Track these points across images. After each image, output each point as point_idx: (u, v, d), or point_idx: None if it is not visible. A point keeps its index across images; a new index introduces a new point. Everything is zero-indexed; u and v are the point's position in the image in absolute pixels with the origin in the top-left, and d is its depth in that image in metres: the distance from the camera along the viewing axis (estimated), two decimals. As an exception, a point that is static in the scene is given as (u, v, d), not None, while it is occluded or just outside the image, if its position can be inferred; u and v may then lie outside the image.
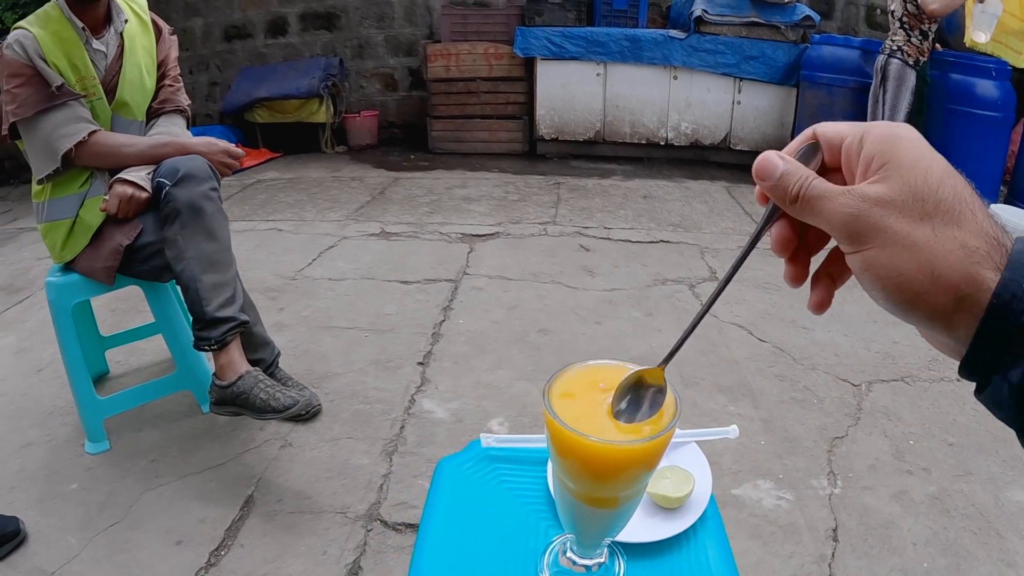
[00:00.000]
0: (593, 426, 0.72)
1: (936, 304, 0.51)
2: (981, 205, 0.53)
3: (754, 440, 2.87)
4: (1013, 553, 2.32)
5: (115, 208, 2.56)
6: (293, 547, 2.34)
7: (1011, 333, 0.48)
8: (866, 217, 0.54)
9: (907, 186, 0.53)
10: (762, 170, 0.60)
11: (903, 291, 0.53)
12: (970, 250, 0.50)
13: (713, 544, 1.07)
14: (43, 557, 2.30)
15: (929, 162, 0.53)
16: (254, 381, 2.51)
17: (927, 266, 0.51)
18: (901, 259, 0.52)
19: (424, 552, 1.04)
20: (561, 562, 0.98)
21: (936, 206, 0.52)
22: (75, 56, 2.54)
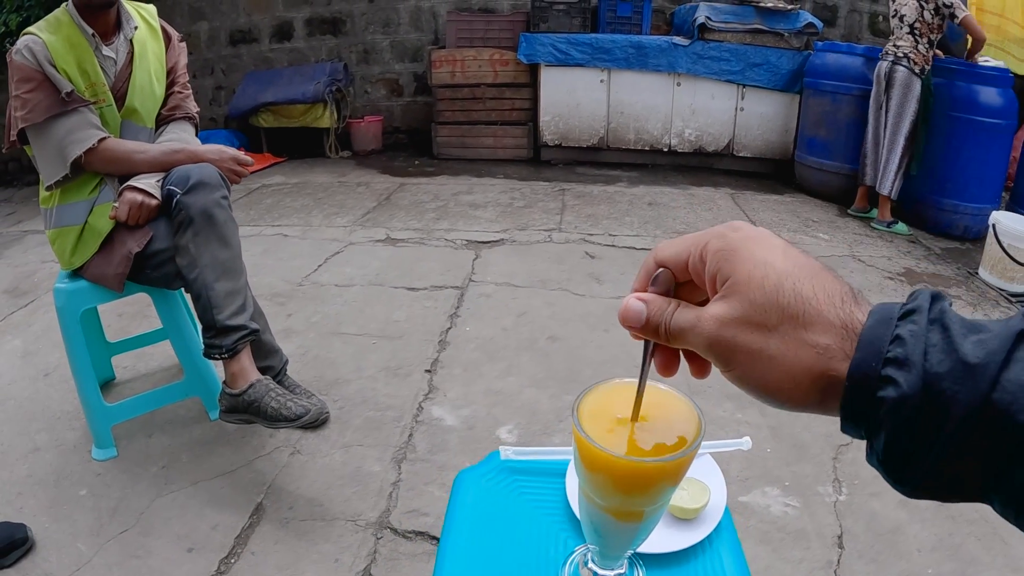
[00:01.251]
0: (623, 444, 0.74)
1: (807, 401, 0.54)
2: (827, 290, 0.54)
3: (761, 448, 2.88)
4: (1018, 559, 2.34)
5: (125, 215, 2.57)
6: (305, 554, 2.35)
7: (868, 411, 0.50)
8: (720, 339, 0.56)
9: (748, 301, 0.55)
10: (628, 319, 0.63)
11: (776, 397, 0.55)
12: (821, 349, 0.52)
13: (728, 553, 1.09)
14: (53, 563, 2.31)
15: (764, 271, 0.55)
16: (265, 390, 2.52)
17: (787, 374, 0.53)
18: (763, 372, 0.54)
19: (446, 564, 1.05)
20: (582, 573, 0.99)
21: (780, 315, 0.54)
22: (85, 62, 2.55)
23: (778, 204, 6.41)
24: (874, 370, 0.49)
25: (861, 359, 0.50)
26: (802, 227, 5.76)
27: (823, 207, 6.41)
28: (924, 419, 0.47)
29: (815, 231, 5.66)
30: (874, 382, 0.49)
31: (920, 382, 0.47)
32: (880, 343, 0.50)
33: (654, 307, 0.62)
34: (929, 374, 0.47)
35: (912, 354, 0.48)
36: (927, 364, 0.48)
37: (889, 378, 0.48)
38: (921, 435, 0.47)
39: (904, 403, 0.47)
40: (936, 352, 0.48)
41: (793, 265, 0.56)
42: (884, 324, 0.51)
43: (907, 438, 0.48)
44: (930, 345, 0.48)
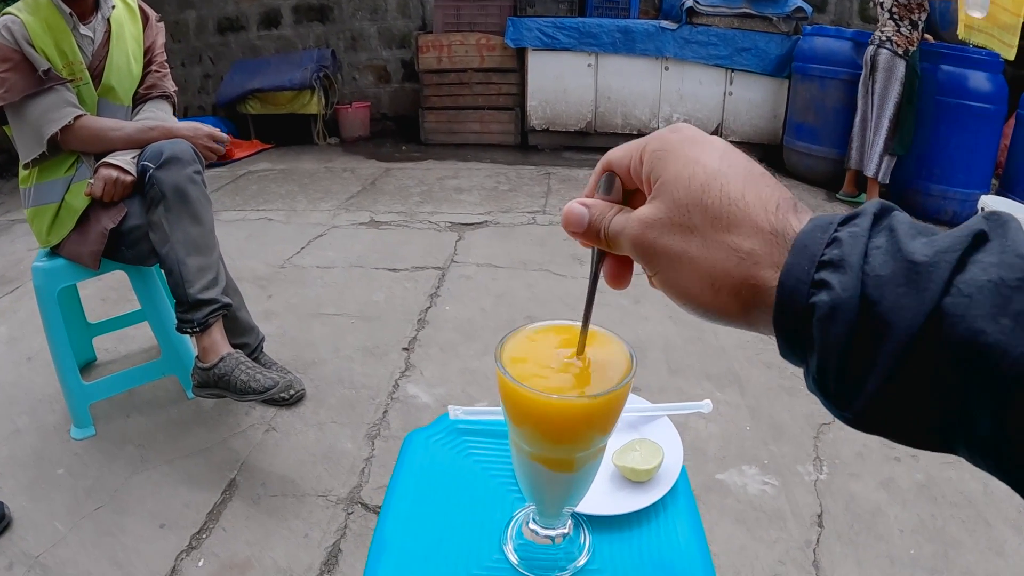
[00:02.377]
0: (547, 384, 0.72)
1: (728, 311, 0.51)
2: (760, 195, 0.51)
3: (740, 427, 2.87)
4: (1001, 541, 2.33)
5: (100, 191, 2.55)
6: (275, 530, 2.34)
7: (799, 322, 0.46)
8: (643, 241, 0.54)
9: (673, 201, 0.52)
10: (570, 222, 0.61)
11: (695, 303, 0.53)
12: (744, 254, 0.49)
13: (683, 518, 1.06)
14: (30, 542, 2.31)
15: (692, 169, 0.53)
16: (235, 363, 2.51)
17: (706, 279, 0.51)
18: (681, 275, 0.52)
19: (388, 522, 1.03)
20: (524, 533, 0.97)
21: (703, 215, 0.51)
22: (62, 41, 2.53)
23: (764, 188, 6.37)
24: (806, 274, 0.45)
25: (793, 263, 0.46)
26: (788, 211, 5.72)
27: (811, 192, 6.40)
28: (862, 330, 0.42)
29: (801, 215, 5.62)
30: (805, 288, 0.45)
31: (858, 285, 0.42)
32: (815, 246, 0.46)
33: (595, 211, 0.60)
34: (869, 277, 0.42)
35: (849, 255, 0.44)
36: (867, 266, 0.43)
37: (822, 282, 0.44)
38: (859, 350, 0.42)
39: (838, 309, 0.43)
40: (879, 254, 0.43)
41: (728, 166, 0.53)
42: (822, 229, 0.47)
43: (842, 353, 0.43)
44: (872, 248, 0.44)
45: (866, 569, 2.22)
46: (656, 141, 0.56)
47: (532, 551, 0.95)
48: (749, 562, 2.23)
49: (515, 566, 0.94)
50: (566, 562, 0.95)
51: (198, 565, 2.21)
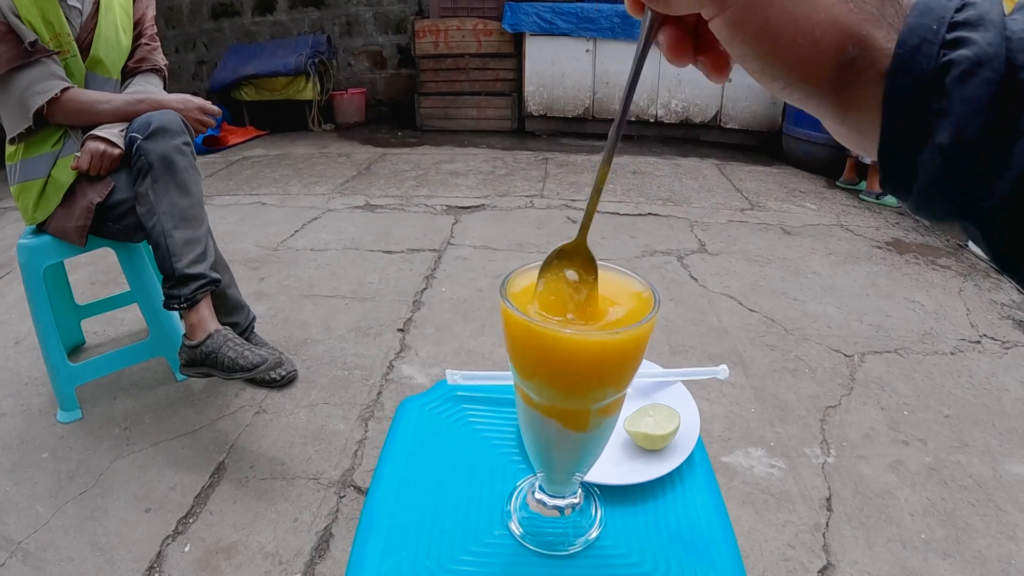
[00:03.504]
0: (562, 321, 0.63)
1: (819, 72, 0.41)
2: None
3: (745, 408, 2.81)
4: (1013, 526, 2.27)
5: (87, 165, 2.48)
6: (264, 514, 2.27)
7: (927, 86, 0.37)
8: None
9: None
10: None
11: (777, 56, 0.42)
12: (854, 3, 0.40)
13: (701, 489, 0.98)
14: (11, 527, 2.24)
15: None
16: (223, 340, 2.43)
17: (802, 21, 0.40)
18: (771, 13, 0.41)
19: (378, 497, 0.95)
20: (530, 505, 0.89)
21: None
22: (49, 13, 2.46)
23: (765, 175, 6.34)
24: (936, 34, 0.37)
25: (916, 23, 0.38)
26: (789, 197, 5.69)
27: (811, 179, 6.35)
28: (1010, 94, 0.34)
29: (802, 201, 5.59)
30: (935, 48, 0.37)
31: (1003, 43, 0.35)
32: (942, 9, 0.38)
33: None
34: (1014, 40, 0.35)
35: (988, 13, 0.36)
36: (1009, 31, 0.35)
37: (960, 40, 0.36)
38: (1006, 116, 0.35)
39: (984, 65, 0.35)
40: (1020, 22, 0.36)
41: None
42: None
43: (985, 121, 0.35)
44: (1010, 19, 0.36)
45: (877, 553, 2.16)
46: None
47: (539, 524, 0.87)
48: (758, 545, 2.17)
49: (520, 541, 0.86)
50: (576, 535, 0.87)
51: (184, 550, 2.14)
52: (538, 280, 0.69)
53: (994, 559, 2.15)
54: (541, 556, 0.85)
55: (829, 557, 2.14)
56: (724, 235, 4.70)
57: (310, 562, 2.10)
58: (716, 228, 4.85)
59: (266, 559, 2.11)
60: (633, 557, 0.86)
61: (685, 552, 0.87)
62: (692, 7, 0.45)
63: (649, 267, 4.11)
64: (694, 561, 0.86)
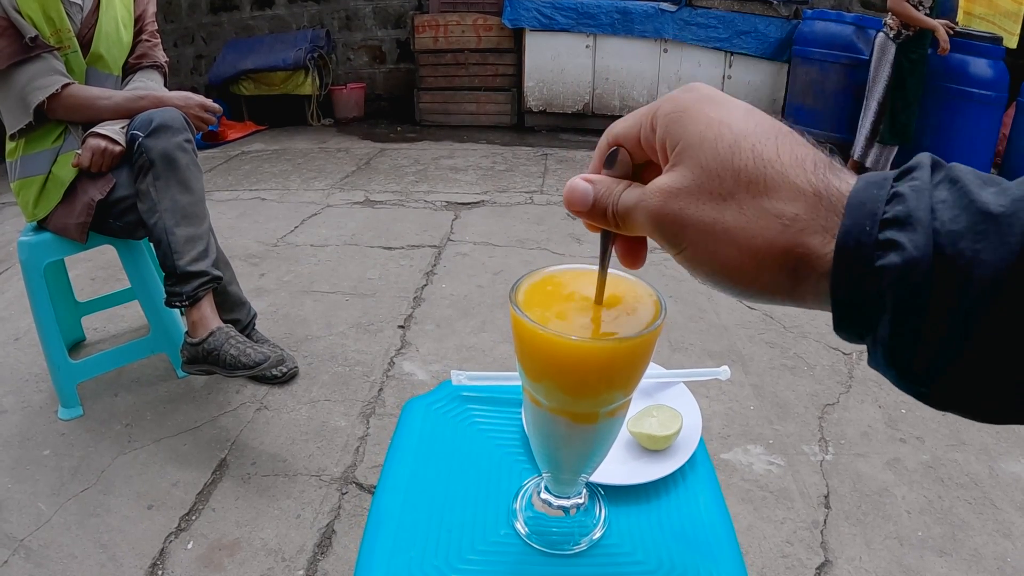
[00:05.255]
0: (569, 327, 0.65)
1: (772, 284, 0.45)
2: (795, 154, 0.45)
3: (744, 405, 2.82)
4: (1009, 524, 2.29)
5: (88, 162, 2.49)
6: (266, 511, 2.29)
7: (865, 286, 0.40)
8: (666, 214, 0.48)
9: (699, 167, 0.46)
10: (573, 201, 0.55)
11: (734, 280, 0.46)
12: (788, 219, 0.43)
13: (704, 488, 0.99)
14: (13, 524, 2.25)
15: (717, 129, 0.46)
16: (225, 337, 2.44)
17: (745, 250, 0.44)
18: (719, 250, 0.46)
19: (385, 496, 0.96)
20: (536, 505, 0.90)
21: (735, 179, 0.45)
22: (50, 8, 2.46)
23: (764, 170, 6.34)
24: (869, 236, 0.40)
25: (851, 225, 0.41)
26: (788, 193, 5.69)
27: (810, 176, 6.34)
28: (940, 288, 0.37)
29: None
30: (869, 250, 0.39)
31: (930, 243, 0.37)
32: (874, 204, 0.40)
33: (601, 187, 0.54)
34: (940, 233, 0.37)
35: (916, 210, 0.39)
36: (936, 223, 0.38)
37: (890, 241, 0.39)
38: (937, 309, 0.37)
39: (912, 269, 0.37)
40: (947, 208, 0.38)
41: (755, 126, 0.46)
42: (877, 186, 0.42)
43: (919, 314, 0.38)
44: (937, 202, 0.39)
45: (875, 550, 2.18)
46: (668, 104, 0.50)
47: (544, 523, 0.88)
48: (757, 542, 2.18)
49: (526, 540, 0.87)
50: (580, 535, 0.88)
51: (187, 547, 2.16)
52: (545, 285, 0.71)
53: (990, 556, 2.17)
54: (547, 555, 0.86)
55: (827, 554, 2.16)
56: (723, 232, 4.69)
57: (313, 558, 2.11)
58: (715, 225, 4.84)
59: (269, 556, 2.12)
60: (637, 556, 0.87)
61: (688, 550, 0.89)
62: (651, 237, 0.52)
63: (648, 263, 4.03)
64: (696, 559, 0.87)
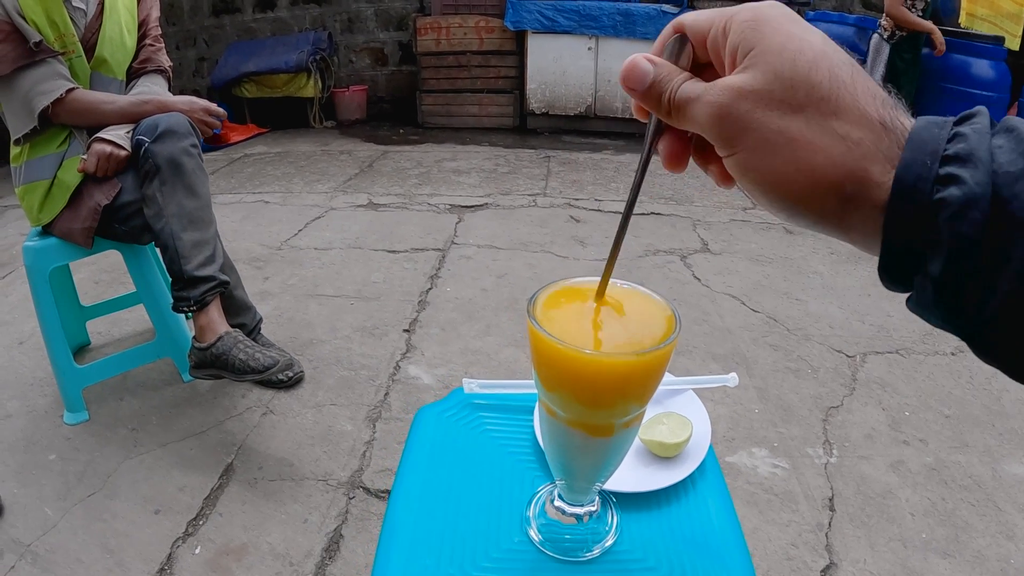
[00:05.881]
0: (586, 340, 0.66)
1: (823, 207, 0.45)
2: (866, 85, 0.46)
3: (748, 408, 2.83)
4: (1012, 526, 2.30)
5: (93, 167, 2.50)
6: (273, 515, 2.29)
7: (921, 220, 0.41)
8: (731, 112, 0.47)
9: (774, 73, 0.46)
10: (631, 77, 0.54)
11: (784, 195, 0.46)
12: (852, 143, 0.44)
13: (714, 494, 1.00)
14: (20, 529, 2.25)
15: (799, 44, 0.47)
16: (233, 342, 2.44)
17: (805, 165, 0.45)
18: (775, 159, 0.46)
19: (399, 503, 0.97)
20: (549, 512, 0.91)
21: (808, 93, 0.45)
22: (54, 13, 2.47)
23: (767, 173, 6.34)
24: (929, 170, 0.40)
25: (911, 158, 0.41)
26: (790, 195, 5.70)
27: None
28: (996, 227, 0.38)
29: (804, 199, 5.60)
30: (928, 185, 0.40)
31: (989, 181, 0.38)
32: (935, 141, 0.41)
33: (663, 70, 0.53)
34: (998, 174, 0.38)
35: (977, 149, 0.40)
36: (996, 164, 0.39)
37: (951, 176, 0.40)
38: (992, 248, 0.38)
39: (972, 205, 0.38)
40: (1004, 153, 0.39)
41: (834, 51, 0.47)
42: (938, 125, 0.43)
43: (973, 253, 0.39)
44: (995, 147, 0.40)
45: (879, 552, 2.18)
46: (748, 11, 0.49)
47: (557, 531, 0.90)
48: (762, 544, 2.19)
49: (539, 547, 0.88)
50: (593, 542, 0.89)
51: (194, 552, 2.16)
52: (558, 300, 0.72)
53: (993, 558, 2.17)
54: (560, 562, 0.87)
55: (832, 556, 2.17)
56: (726, 234, 4.72)
57: (320, 563, 2.12)
58: (718, 227, 4.86)
59: (276, 560, 2.13)
60: (649, 562, 0.88)
61: (698, 556, 0.90)
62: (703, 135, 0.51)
63: (652, 267, 4.13)
64: (707, 565, 0.88)
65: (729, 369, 3.04)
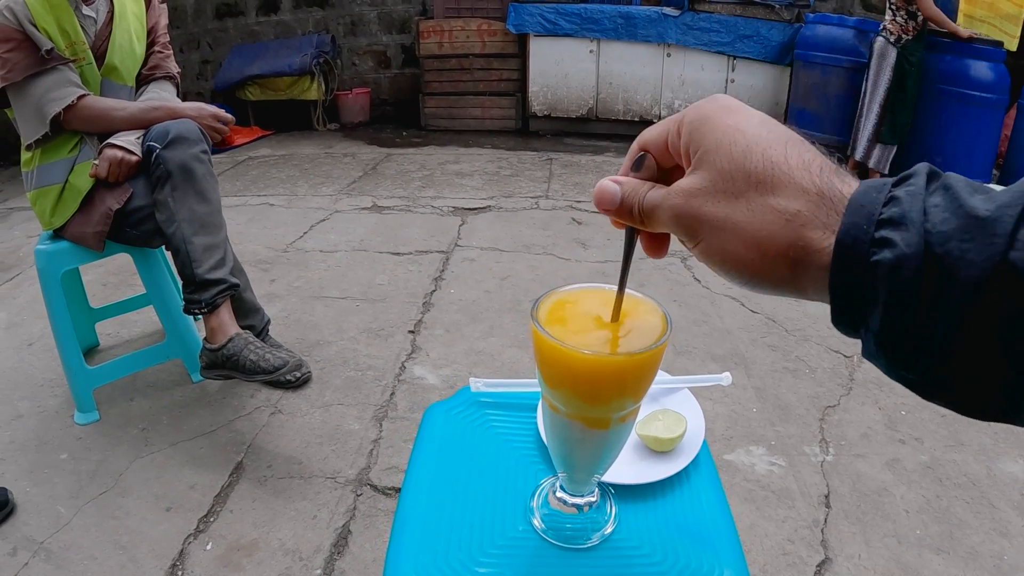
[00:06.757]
0: (584, 341, 0.71)
1: (776, 276, 0.50)
2: (802, 158, 0.50)
3: (746, 407, 2.87)
4: (1006, 523, 2.33)
5: (105, 172, 2.54)
6: (283, 512, 2.34)
7: (862, 279, 0.45)
8: (686, 211, 0.54)
9: (716, 169, 0.52)
10: (603, 200, 0.61)
11: (741, 270, 0.52)
12: (790, 215, 0.49)
13: (707, 487, 1.05)
14: (33, 527, 2.29)
15: (733, 135, 0.52)
16: (244, 343, 2.49)
17: (752, 243, 0.50)
18: (727, 242, 0.52)
19: (409, 496, 1.02)
20: (551, 503, 0.96)
21: (746, 180, 0.50)
22: (65, 21, 2.51)
23: (767, 175, 6.34)
24: (866, 233, 0.45)
25: (851, 223, 0.46)
26: (791, 197, 5.70)
27: (812, 178, 6.36)
28: (927, 284, 0.42)
29: (804, 201, 5.61)
30: (865, 247, 0.44)
31: (921, 242, 0.42)
32: (872, 205, 0.46)
33: (628, 187, 0.59)
34: (931, 234, 0.42)
35: (910, 212, 0.44)
36: (928, 223, 0.43)
37: (885, 239, 0.44)
38: (925, 304, 0.42)
39: (903, 265, 0.42)
40: (938, 212, 0.43)
41: (768, 132, 0.52)
42: (876, 189, 0.47)
43: (907, 308, 0.43)
44: (931, 206, 0.43)
45: (874, 548, 2.22)
46: (693, 111, 0.56)
47: (559, 520, 0.95)
48: (759, 540, 2.23)
49: (542, 535, 0.94)
50: (593, 530, 0.94)
51: (206, 548, 2.20)
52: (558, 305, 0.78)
53: (987, 555, 2.20)
54: (561, 549, 0.92)
55: (827, 552, 2.20)
56: (726, 236, 4.71)
57: (329, 558, 2.16)
58: (719, 229, 4.86)
59: (286, 556, 2.17)
60: (645, 550, 0.93)
61: (692, 545, 0.95)
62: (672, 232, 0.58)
63: (652, 268, 4.16)
64: (700, 553, 0.93)
65: (728, 369, 3.08)
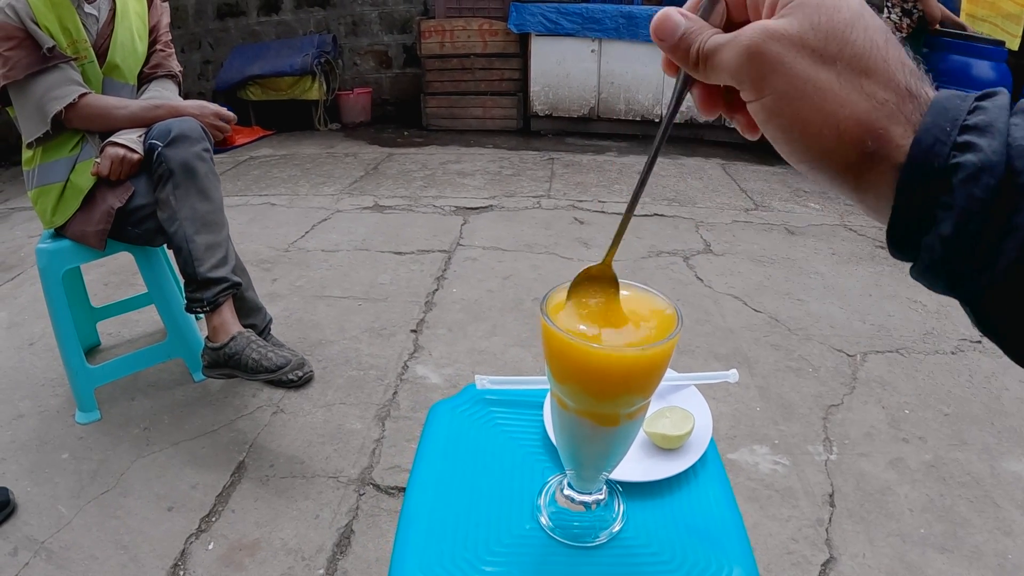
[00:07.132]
0: (594, 336, 0.70)
1: (844, 160, 0.47)
2: (897, 52, 0.47)
3: (750, 406, 2.86)
4: (1009, 522, 2.32)
5: (107, 170, 2.53)
6: (285, 511, 2.33)
7: (935, 181, 0.43)
8: (762, 51, 0.48)
9: (811, 23, 0.47)
10: (662, 28, 0.55)
11: (808, 143, 0.48)
12: (878, 102, 0.46)
13: (714, 484, 1.05)
14: (34, 527, 2.28)
15: (839, 1, 0.48)
16: (246, 342, 2.48)
17: (831, 116, 0.46)
18: (802, 105, 0.47)
19: (415, 494, 1.01)
20: (559, 501, 0.96)
21: (842, 48, 0.47)
22: (67, 20, 2.50)
23: (769, 174, 6.34)
24: (948, 135, 0.43)
25: (932, 123, 0.44)
26: (793, 197, 5.71)
27: (815, 178, 6.36)
28: (1006, 196, 0.41)
29: (806, 201, 5.61)
30: (946, 149, 0.43)
31: (1004, 152, 0.41)
32: (956, 111, 0.44)
33: (695, 24, 0.54)
34: (1014, 147, 0.41)
35: (996, 121, 0.42)
36: (1011, 138, 0.41)
37: (968, 144, 0.42)
38: (1000, 216, 0.41)
39: (986, 171, 0.41)
40: (1021, 129, 0.42)
41: (871, 16, 0.48)
42: (960, 97, 0.45)
43: (985, 218, 0.41)
44: (1013, 124, 0.42)
45: (878, 547, 2.21)
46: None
47: (566, 518, 0.94)
48: (763, 539, 2.23)
49: (550, 533, 0.93)
50: (600, 528, 0.94)
51: (208, 548, 2.20)
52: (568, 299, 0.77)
53: (990, 554, 2.20)
54: (569, 547, 0.92)
55: (831, 551, 2.20)
56: (729, 235, 4.74)
57: (332, 558, 2.15)
58: (721, 228, 4.89)
59: (289, 555, 2.16)
60: (653, 548, 0.92)
61: (700, 543, 0.94)
62: (730, 84, 0.52)
63: (655, 268, 4.16)
64: (708, 551, 0.93)
65: (731, 368, 3.06)
